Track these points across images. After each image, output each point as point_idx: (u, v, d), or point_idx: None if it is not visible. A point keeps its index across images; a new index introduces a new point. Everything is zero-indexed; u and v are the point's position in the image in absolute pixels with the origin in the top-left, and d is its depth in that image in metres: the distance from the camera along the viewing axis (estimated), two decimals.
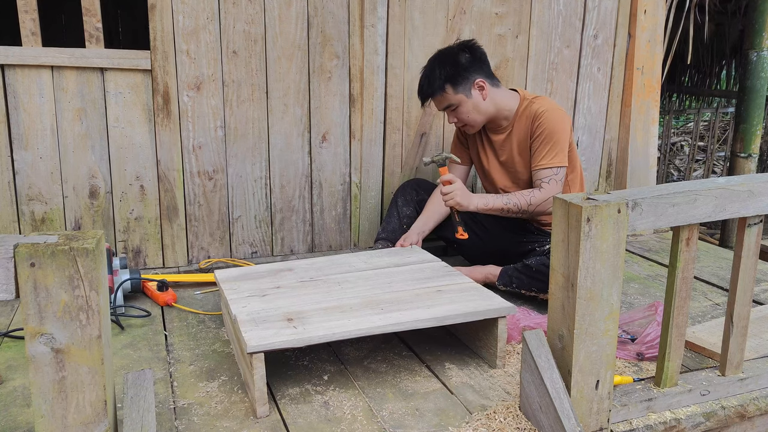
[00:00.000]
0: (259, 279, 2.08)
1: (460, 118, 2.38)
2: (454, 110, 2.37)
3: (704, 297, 2.49)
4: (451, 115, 2.41)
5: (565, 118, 2.34)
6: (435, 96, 2.35)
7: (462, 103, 2.34)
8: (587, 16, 3.13)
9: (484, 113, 2.37)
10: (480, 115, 2.37)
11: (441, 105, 2.38)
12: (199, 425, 1.58)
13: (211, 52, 2.57)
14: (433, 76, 2.32)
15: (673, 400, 1.66)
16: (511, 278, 2.32)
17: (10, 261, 1.14)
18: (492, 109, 2.38)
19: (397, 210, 2.64)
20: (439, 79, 2.31)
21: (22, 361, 1.89)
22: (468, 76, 2.31)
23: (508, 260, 2.41)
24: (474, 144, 2.58)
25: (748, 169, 3.66)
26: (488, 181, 2.59)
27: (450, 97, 2.33)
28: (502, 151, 2.47)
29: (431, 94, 2.35)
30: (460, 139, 2.62)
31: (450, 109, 2.38)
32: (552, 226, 1.50)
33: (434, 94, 2.34)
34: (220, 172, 2.69)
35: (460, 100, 2.33)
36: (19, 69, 2.36)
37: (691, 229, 1.55)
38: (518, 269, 2.32)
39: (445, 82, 2.31)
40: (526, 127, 2.37)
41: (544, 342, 1.54)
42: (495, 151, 2.50)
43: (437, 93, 2.34)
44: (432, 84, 2.33)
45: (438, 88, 2.32)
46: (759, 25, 3.50)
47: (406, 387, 1.77)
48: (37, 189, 2.47)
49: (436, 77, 2.32)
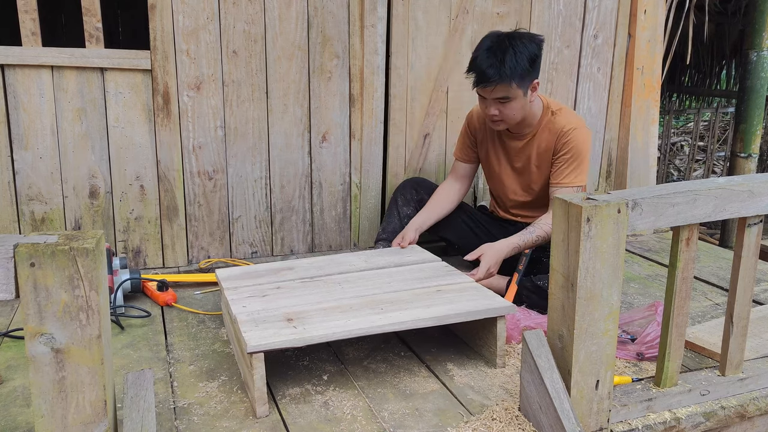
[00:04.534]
0: (260, 278, 2.08)
1: (505, 113, 2.23)
2: (503, 103, 2.21)
3: (704, 297, 2.49)
4: (493, 107, 2.23)
5: (589, 136, 2.30)
6: (502, 84, 2.15)
7: (516, 99, 2.20)
8: (587, 16, 3.13)
9: (523, 115, 2.28)
10: (520, 115, 2.26)
11: (496, 94, 2.19)
12: (199, 425, 1.58)
13: (211, 52, 2.57)
14: (508, 62, 2.12)
15: (673, 400, 1.66)
16: (520, 296, 2.25)
17: (10, 261, 1.14)
18: (527, 113, 2.29)
19: (398, 210, 2.62)
20: (513, 68, 2.12)
21: (22, 361, 1.89)
22: (533, 74, 2.19)
23: (509, 264, 2.37)
24: (484, 144, 2.51)
25: (748, 169, 3.66)
26: (497, 184, 2.55)
27: (513, 90, 2.17)
28: (518, 159, 2.42)
29: (499, 80, 2.14)
30: (470, 137, 2.54)
31: (500, 101, 2.21)
32: (552, 226, 1.50)
33: (502, 81, 2.14)
34: (220, 172, 2.69)
35: (517, 95, 2.19)
36: (19, 69, 2.36)
37: (691, 229, 1.55)
38: (529, 288, 2.24)
39: (517, 74, 2.14)
40: (550, 141, 2.31)
41: (544, 342, 1.54)
42: (509, 156, 2.44)
43: (505, 81, 2.14)
44: (504, 70, 2.12)
45: (509, 77, 2.13)
46: (759, 25, 3.50)
47: (406, 387, 1.77)
48: (37, 189, 2.47)
49: (510, 64, 2.12)
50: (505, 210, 2.60)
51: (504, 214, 2.61)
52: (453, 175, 2.60)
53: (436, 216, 2.51)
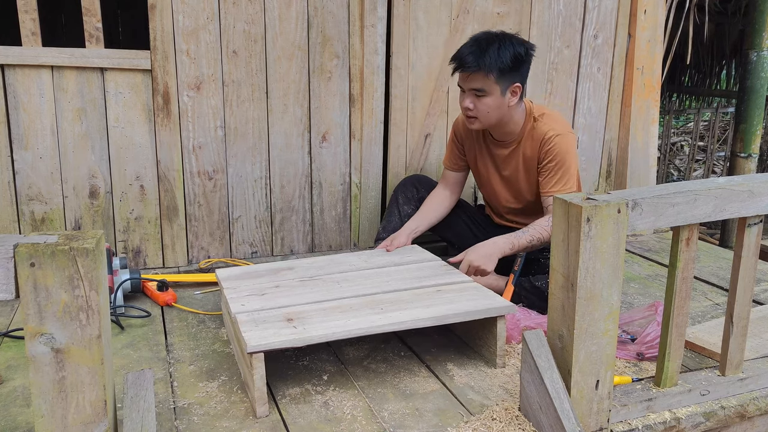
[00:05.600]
0: (260, 278, 2.08)
1: (479, 108, 2.21)
2: (478, 96, 2.19)
3: (704, 297, 2.49)
4: (468, 99, 2.22)
5: (573, 140, 2.27)
6: (479, 72, 2.14)
7: (491, 95, 2.18)
8: (587, 16, 3.13)
9: (498, 117, 2.25)
10: (494, 116, 2.24)
11: (472, 84, 2.18)
12: (199, 425, 1.58)
13: (211, 52, 2.57)
14: (490, 53, 2.12)
15: (673, 400, 1.66)
16: (519, 296, 2.25)
17: (10, 261, 1.14)
18: (505, 117, 2.27)
19: (398, 208, 2.59)
20: (493, 60, 2.12)
21: (22, 361, 1.89)
22: (514, 75, 2.18)
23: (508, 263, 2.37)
24: (472, 151, 2.49)
25: (748, 169, 3.66)
26: (488, 191, 2.53)
27: (489, 83, 2.16)
28: (505, 166, 2.40)
29: (477, 68, 2.13)
30: (457, 145, 2.52)
31: (475, 93, 2.19)
32: (552, 226, 1.50)
33: (480, 70, 2.13)
34: (220, 172, 2.69)
35: (493, 91, 2.17)
36: (19, 69, 2.36)
37: (691, 229, 1.55)
38: (527, 289, 2.23)
39: (496, 67, 2.13)
40: (534, 148, 2.29)
41: (544, 342, 1.54)
42: (497, 164, 2.43)
43: (483, 71, 2.13)
44: (483, 59, 2.12)
45: (487, 67, 2.12)
46: (759, 25, 3.50)
47: (406, 387, 1.77)
48: (37, 189, 2.47)
49: (491, 55, 2.11)
50: (500, 216, 2.58)
51: (499, 221, 2.59)
52: (443, 182, 2.56)
53: (427, 223, 2.49)
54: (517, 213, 2.50)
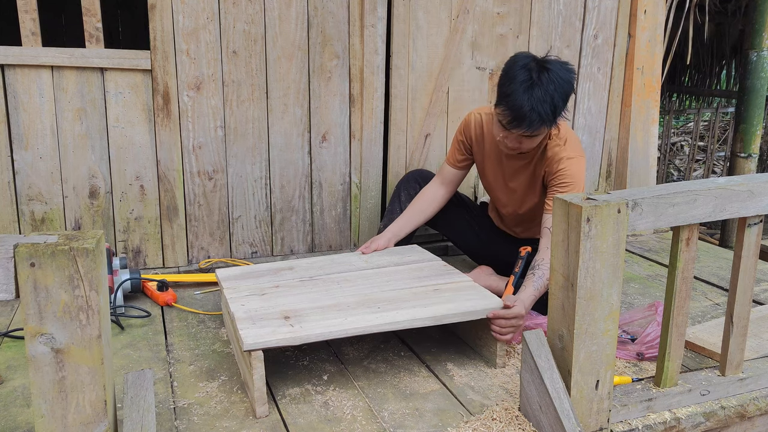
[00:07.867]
0: (260, 278, 2.08)
1: (527, 145, 2.12)
2: (528, 137, 2.08)
3: (704, 297, 2.49)
4: (516, 141, 2.10)
5: (584, 163, 2.20)
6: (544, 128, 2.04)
7: (542, 134, 2.11)
8: (587, 16, 3.13)
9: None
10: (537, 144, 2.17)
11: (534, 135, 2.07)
12: (199, 425, 1.58)
13: (211, 52, 2.57)
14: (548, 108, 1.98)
15: (673, 400, 1.66)
16: None
17: (10, 261, 1.14)
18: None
19: (400, 205, 2.54)
20: (552, 114, 2.01)
21: (22, 361, 1.89)
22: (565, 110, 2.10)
23: (508, 264, 2.36)
24: (480, 152, 2.41)
25: (748, 169, 3.66)
26: (492, 195, 2.49)
27: (544, 130, 2.07)
28: (512, 178, 2.34)
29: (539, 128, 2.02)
30: (464, 144, 2.43)
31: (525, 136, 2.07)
32: (552, 226, 1.50)
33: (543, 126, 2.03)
34: (220, 172, 2.69)
35: (544, 131, 2.10)
36: (19, 69, 2.36)
37: (691, 229, 1.55)
38: None
39: (555, 120, 2.05)
40: (544, 166, 2.23)
41: (544, 342, 1.54)
42: (504, 174, 2.37)
43: (548, 126, 2.04)
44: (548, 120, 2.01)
45: (551, 123, 2.04)
46: (759, 25, 3.50)
47: (406, 387, 1.77)
48: (37, 189, 2.47)
49: (550, 110, 1.99)
50: (501, 219, 2.57)
51: (501, 226, 2.58)
52: (440, 178, 2.49)
53: (413, 225, 2.43)
54: (517, 221, 2.47)
